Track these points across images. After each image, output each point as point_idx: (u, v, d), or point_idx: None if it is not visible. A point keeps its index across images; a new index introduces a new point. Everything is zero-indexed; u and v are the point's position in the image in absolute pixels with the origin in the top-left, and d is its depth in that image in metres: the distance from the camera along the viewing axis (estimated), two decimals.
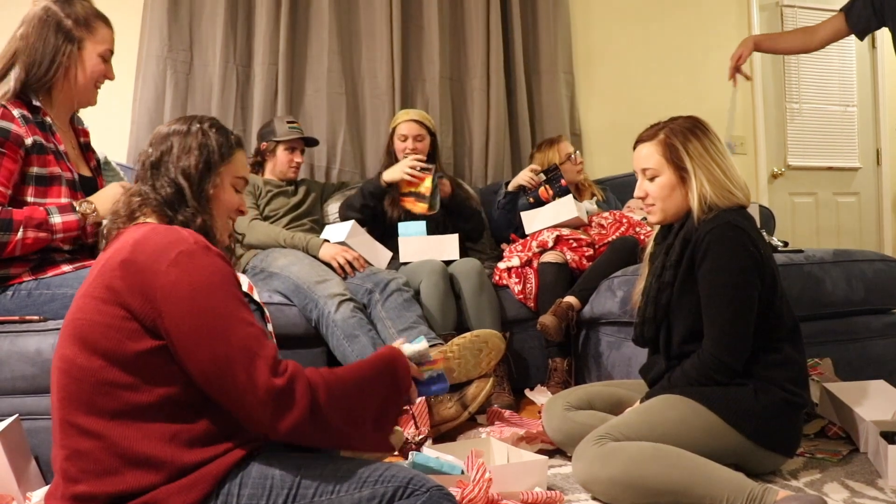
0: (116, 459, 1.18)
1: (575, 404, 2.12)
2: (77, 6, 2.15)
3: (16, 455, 1.79)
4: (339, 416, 1.27)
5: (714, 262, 1.86)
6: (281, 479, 1.21)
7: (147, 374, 1.20)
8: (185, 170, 1.40)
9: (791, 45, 3.12)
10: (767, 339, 1.89)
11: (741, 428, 1.80)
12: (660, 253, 2.05)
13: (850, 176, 5.34)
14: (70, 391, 1.22)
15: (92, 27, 2.17)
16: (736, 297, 1.85)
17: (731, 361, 1.84)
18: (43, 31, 2.11)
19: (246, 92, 3.88)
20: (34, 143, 2.05)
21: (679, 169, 1.96)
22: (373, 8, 4.06)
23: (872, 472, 1.94)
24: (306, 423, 1.21)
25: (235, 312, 1.22)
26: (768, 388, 1.84)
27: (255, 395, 1.18)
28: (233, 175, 1.48)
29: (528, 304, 3.10)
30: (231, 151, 1.47)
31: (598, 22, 4.65)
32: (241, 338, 1.20)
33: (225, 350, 1.19)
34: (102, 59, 2.21)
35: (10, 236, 1.97)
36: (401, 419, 2.29)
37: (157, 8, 3.72)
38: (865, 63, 5.37)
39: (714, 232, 1.87)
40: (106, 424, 1.19)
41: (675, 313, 1.97)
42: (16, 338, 2.01)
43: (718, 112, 4.73)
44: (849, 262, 2.63)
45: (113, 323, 1.21)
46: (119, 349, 1.20)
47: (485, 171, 4.22)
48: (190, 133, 1.43)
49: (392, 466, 1.23)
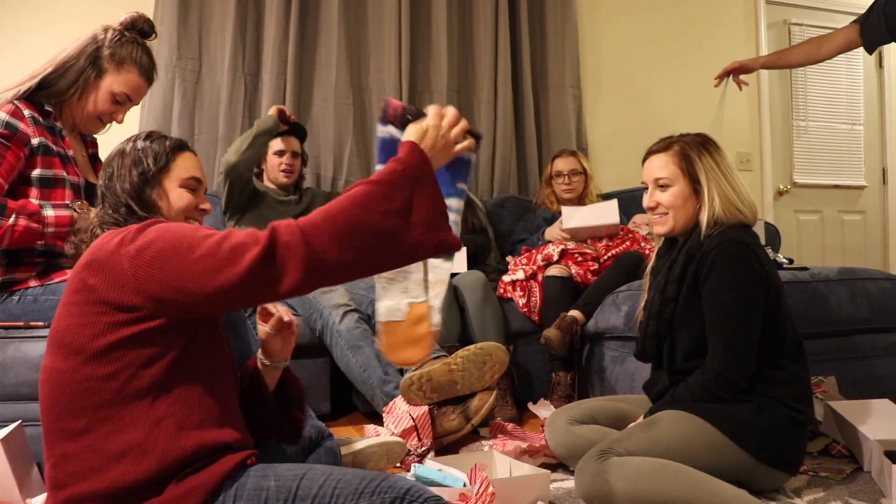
0: (102, 456, 1.18)
1: (578, 418, 2.12)
2: (126, 47, 2.19)
3: (18, 461, 1.79)
4: (356, 240, 1.17)
5: (719, 279, 1.86)
6: (277, 491, 1.19)
7: (125, 361, 1.20)
8: (126, 189, 1.45)
9: (799, 58, 3.12)
10: (771, 357, 1.88)
11: (744, 444, 1.80)
12: (663, 267, 2.04)
13: (856, 194, 5.34)
14: (53, 398, 1.23)
15: (122, 67, 2.19)
16: (740, 314, 1.84)
17: (736, 378, 1.84)
18: (84, 49, 2.15)
19: (254, 101, 3.89)
20: (40, 145, 2.07)
21: (693, 181, 1.96)
22: (381, 19, 4.09)
23: (876, 492, 1.92)
24: (311, 268, 1.15)
25: (195, 232, 1.21)
26: (772, 404, 1.83)
27: (239, 275, 1.14)
28: (178, 178, 1.50)
29: (533, 318, 3.09)
30: (170, 158, 1.49)
31: (606, 37, 4.67)
32: (209, 244, 1.18)
33: (197, 256, 1.17)
34: (114, 99, 2.21)
35: (2, 221, 1.98)
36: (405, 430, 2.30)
37: (167, 16, 3.74)
38: (872, 81, 5.39)
39: (719, 248, 1.87)
40: (91, 420, 1.19)
41: (679, 329, 1.97)
42: (20, 343, 2.02)
43: (725, 127, 4.77)
44: (854, 281, 2.63)
45: (85, 321, 1.21)
46: (93, 343, 1.20)
47: (491, 184, 4.23)
48: (125, 153, 1.48)
49: (390, 477, 1.21)
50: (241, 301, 1.18)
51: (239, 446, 1.29)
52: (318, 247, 1.14)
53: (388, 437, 2.18)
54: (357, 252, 1.16)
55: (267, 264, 1.13)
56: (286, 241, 1.14)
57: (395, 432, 2.32)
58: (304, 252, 1.14)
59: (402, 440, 2.21)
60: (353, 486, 1.19)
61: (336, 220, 1.16)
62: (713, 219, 1.92)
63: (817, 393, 2.37)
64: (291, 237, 1.14)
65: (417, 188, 1.23)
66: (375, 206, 1.18)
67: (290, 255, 1.14)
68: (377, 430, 2.45)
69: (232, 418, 1.32)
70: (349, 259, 1.16)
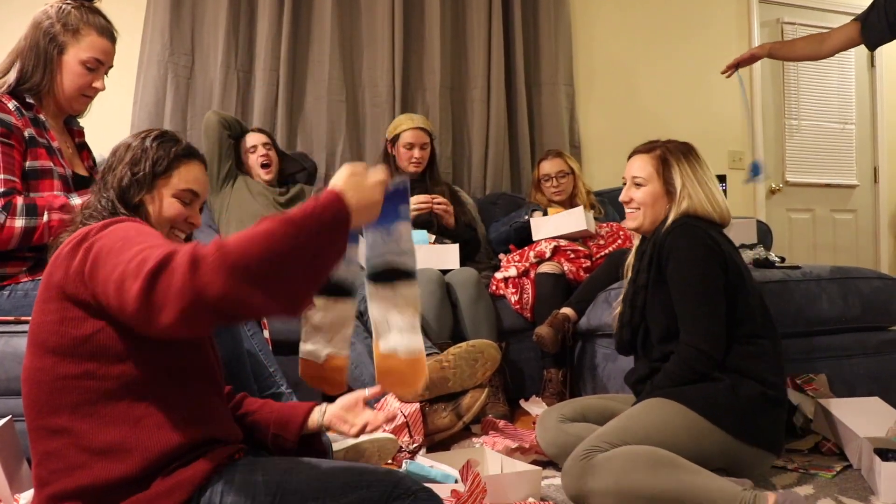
0: (84, 453, 1.16)
1: (569, 416, 2.13)
2: (73, 14, 2.13)
3: (8, 456, 1.78)
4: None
5: (677, 260, 1.98)
6: (265, 486, 1.18)
7: (99, 358, 1.18)
8: (115, 184, 1.40)
9: (803, 52, 3.10)
10: (742, 334, 1.94)
11: (721, 423, 1.82)
12: (636, 260, 2.18)
13: (847, 193, 5.36)
14: (33, 396, 1.22)
15: (79, 34, 2.14)
16: (701, 286, 1.94)
17: (709, 348, 1.89)
18: (36, 34, 2.11)
19: (247, 97, 3.88)
20: (30, 136, 2.07)
21: (667, 183, 2.09)
22: (374, 16, 4.08)
23: (865, 489, 1.94)
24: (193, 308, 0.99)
25: (140, 236, 1.14)
26: (745, 382, 1.87)
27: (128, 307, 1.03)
28: (175, 188, 1.43)
29: (525, 315, 3.09)
30: (173, 164, 1.43)
31: (599, 35, 4.67)
32: (135, 251, 1.08)
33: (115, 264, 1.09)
34: (86, 68, 2.16)
35: (38, 220, 1.99)
36: (396, 427, 2.30)
37: (160, 12, 3.73)
38: (864, 81, 5.40)
39: (674, 233, 2.00)
40: (70, 418, 1.18)
41: (651, 314, 2.06)
42: (10, 338, 2.01)
43: (717, 125, 4.79)
44: (845, 280, 2.64)
45: (57, 318, 1.19)
46: (66, 341, 1.19)
47: (483, 181, 4.22)
48: (130, 147, 1.43)
49: (379, 470, 1.21)
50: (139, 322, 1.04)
51: (226, 440, 1.28)
52: (204, 277, 0.98)
53: (379, 434, 2.18)
54: (249, 287, 0.98)
55: (151, 285, 1.00)
56: (175, 265, 1.00)
57: (386, 429, 2.32)
58: (186, 280, 0.98)
59: (393, 437, 2.20)
60: (342, 479, 1.18)
61: (237, 248, 1.00)
62: (682, 219, 2.04)
63: (808, 391, 2.38)
64: (184, 260, 1.00)
65: (328, 235, 1.07)
66: (278, 242, 1.01)
67: (176, 280, 0.99)
68: None
69: (216, 412, 1.31)
70: (239, 295, 0.98)
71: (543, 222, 3.34)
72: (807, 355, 2.50)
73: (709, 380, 1.89)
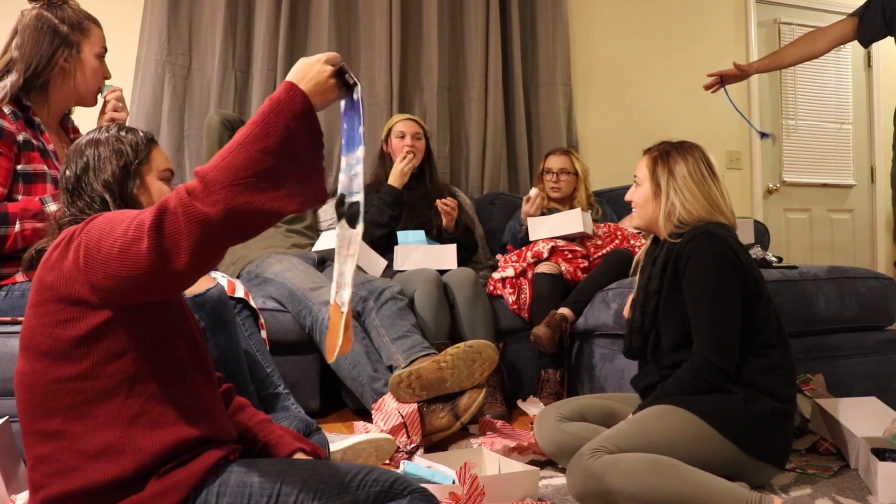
0: (77, 456, 1.16)
1: (567, 416, 2.12)
2: (67, 10, 2.18)
3: (4, 457, 1.78)
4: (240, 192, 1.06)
5: (696, 269, 1.94)
6: (261, 487, 1.18)
7: (91, 358, 1.18)
8: (106, 181, 1.38)
9: (794, 57, 3.10)
10: (756, 345, 1.92)
11: (732, 437, 1.82)
12: (648, 264, 2.13)
13: (844, 193, 5.37)
14: (26, 401, 1.21)
15: (86, 30, 2.20)
16: (719, 299, 1.90)
17: (722, 362, 1.87)
18: (39, 38, 2.12)
19: (244, 97, 3.87)
20: (24, 140, 2.06)
21: (656, 184, 2.08)
22: (372, 16, 4.07)
23: (863, 489, 1.94)
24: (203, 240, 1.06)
25: (121, 215, 1.15)
26: (759, 396, 1.86)
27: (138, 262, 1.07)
28: (156, 170, 1.45)
29: (522, 315, 3.09)
30: (147, 148, 1.44)
31: (597, 35, 4.67)
32: (125, 224, 1.12)
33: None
34: (99, 58, 2.25)
35: (9, 229, 1.98)
36: (393, 428, 2.30)
37: (157, 12, 3.72)
38: (861, 81, 5.41)
39: (693, 241, 1.96)
40: (63, 421, 1.17)
41: (663, 322, 2.02)
42: (6, 339, 2.01)
43: (714, 125, 4.79)
44: (843, 279, 2.64)
45: (48, 321, 1.19)
46: (58, 344, 1.18)
47: (481, 181, 4.22)
48: (101, 142, 1.41)
49: (374, 470, 1.21)
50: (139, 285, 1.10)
51: (220, 440, 1.28)
52: (202, 205, 1.05)
53: (377, 434, 2.18)
54: (245, 194, 1.05)
55: (159, 235, 1.05)
56: (173, 208, 1.05)
57: (384, 429, 2.32)
58: (188, 215, 1.04)
59: (391, 437, 2.21)
60: (337, 480, 1.18)
61: (218, 165, 1.06)
62: (674, 220, 2.03)
63: (805, 391, 2.38)
64: (178, 201, 1.06)
65: (293, 120, 1.13)
66: (251, 145, 1.08)
67: (180, 220, 1.05)
68: (366, 426, 2.45)
69: (210, 412, 1.30)
70: (240, 205, 1.05)
71: (541, 222, 3.33)
72: (804, 355, 2.50)
73: (722, 391, 1.87)
